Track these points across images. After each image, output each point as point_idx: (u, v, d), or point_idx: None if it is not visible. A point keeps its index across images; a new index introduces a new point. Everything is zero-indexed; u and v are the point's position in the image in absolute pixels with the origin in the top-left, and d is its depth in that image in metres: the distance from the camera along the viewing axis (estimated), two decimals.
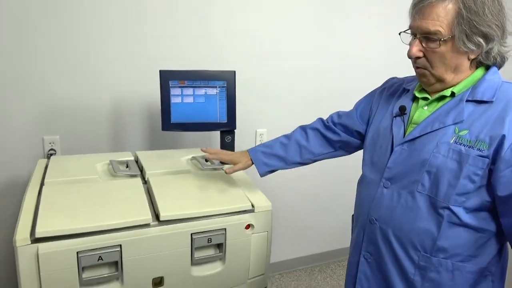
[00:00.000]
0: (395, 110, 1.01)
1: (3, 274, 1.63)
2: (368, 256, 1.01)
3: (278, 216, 2.28)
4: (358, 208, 1.07)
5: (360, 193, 1.08)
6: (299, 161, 1.22)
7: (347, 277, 1.12)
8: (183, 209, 1.14)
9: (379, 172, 0.99)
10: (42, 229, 0.98)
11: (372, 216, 0.98)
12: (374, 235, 0.98)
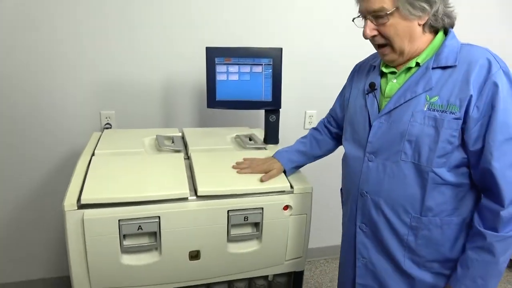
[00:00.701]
0: (366, 87, 1.06)
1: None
2: (364, 226, 1.06)
3: (329, 200, 2.22)
4: (347, 183, 1.11)
5: (346, 169, 1.12)
6: (320, 154, 1.31)
7: (344, 248, 1.16)
8: (220, 185, 1.14)
9: (362, 148, 1.04)
10: (87, 196, 1.03)
11: (363, 189, 1.03)
12: (366, 207, 1.03)
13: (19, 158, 1.72)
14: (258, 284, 1.30)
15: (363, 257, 1.08)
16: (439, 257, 0.99)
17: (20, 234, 1.82)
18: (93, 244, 1.05)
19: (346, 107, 1.16)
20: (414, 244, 0.99)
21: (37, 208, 1.80)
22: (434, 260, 0.99)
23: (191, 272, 1.16)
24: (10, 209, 1.78)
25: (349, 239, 1.12)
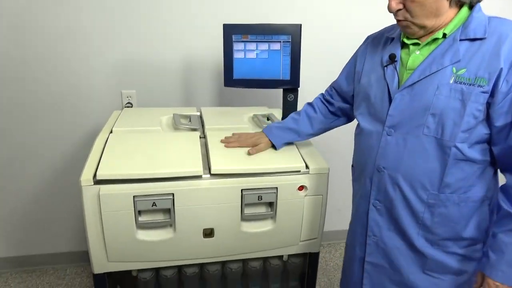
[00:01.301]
0: (384, 59, 1.01)
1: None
2: (377, 203, 1.03)
3: (348, 183, 2.18)
4: (361, 158, 1.07)
5: (360, 144, 1.07)
6: (312, 132, 1.26)
7: (354, 226, 1.13)
8: (235, 164, 1.13)
9: (379, 122, 1.00)
10: (103, 172, 1.05)
11: (380, 165, 1.00)
12: (383, 183, 1.00)
13: (42, 136, 1.78)
14: (272, 264, 1.30)
15: (374, 235, 1.06)
16: (453, 235, 0.97)
17: (46, 209, 1.90)
18: (109, 219, 1.07)
19: (357, 81, 1.11)
20: (429, 222, 0.97)
21: (61, 184, 1.86)
22: (448, 238, 0.98)
23: (205, 249, 1.17)
24: (36, 184, 1.84)
25: (360, 217, 1.09)
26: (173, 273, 1.23)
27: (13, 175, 1.81)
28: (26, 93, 1.70)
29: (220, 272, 1.27)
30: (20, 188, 1.84)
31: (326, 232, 2.23)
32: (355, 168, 1.13)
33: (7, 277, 1.91)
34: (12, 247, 1.93)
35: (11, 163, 1.79)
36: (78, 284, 1.89)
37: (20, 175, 1.81)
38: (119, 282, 1.23)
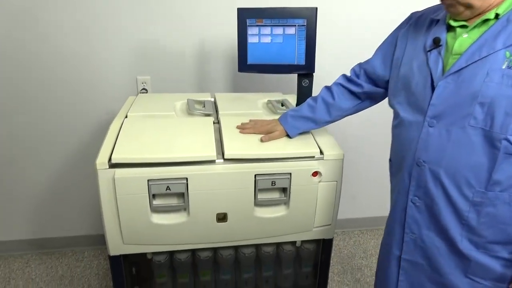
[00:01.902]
0: (428, 43, 0.93)
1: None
2: (417, 200, 0.96)
3: (367, 170, 2.16)
4: (400, 151, 0.99)
5: (399, 136, 1.00)
6: (329, 119, 1.21)
7: (391, 223, 1.06)
8: (248, 149, 1.13)
9: (420, 112, 0.92)
10: (118, 156, 1.06)
11: (420, 158, 0.92)
12: (423, 178, 0.93)
13: (60, 122, 1.81)
14: (285, 249, 1.30)
15: (413, 232, 0.99)
16: (503, 239, 0.88)
17: (65, 194, 1.94)
18: (124, 203, 1.09)
19: (395, 67, 1.03)
20: (475, 222, 0.89)
21: (78, 170, 1.89)
22: (496, 241, 0.89)
23: (218, 234, 1.18)
24: (54, 170, 1.89)
25: (398, 214, 1.02)
26: (187, 256, 1.24)
27: (32, 161, 1.85)
28: (43, 81, 1.73)
29: (233, 257, 1.28)
30: (39, 173, 1.88)
31: (340, 220, 2.22)
32: (393, 162, 1.06)
33: (28, 258, 1.98)
34: (32, 230, 1.99)
35: (30, 149, 1.83)
36: (95, 266, 1.94)
37: (39, 161, 1.86)
38: (134, 264, 1.25)
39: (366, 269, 1.98)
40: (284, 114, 1.23)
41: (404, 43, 1.03)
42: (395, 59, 1.05)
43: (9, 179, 1.87)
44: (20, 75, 1.71)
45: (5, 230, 1.96)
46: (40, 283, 1.83)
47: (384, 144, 2.10)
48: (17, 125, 1.78)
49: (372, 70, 1.14)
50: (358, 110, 1.22)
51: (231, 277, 1.31)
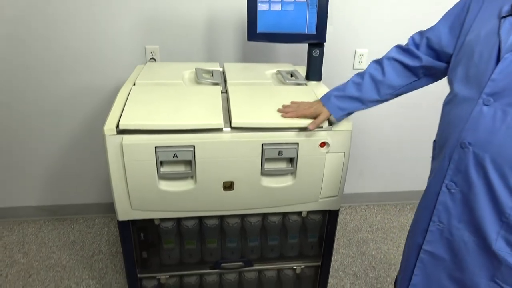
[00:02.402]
0: (505, 9, 0.78)
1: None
2: (453, 186, 0.86)
3: (373, 147, 2.14)
4: (446, 131, 0.89)
5: (448, 114, 0.89)
6: (378, 98, 1.08)
7: (421, 209, 0.97)
8: (256, 118, 1.12)
9: (477, 87, 0.80)
10: (125, 122, 1.06)
11: (465, 139, 0.81)
12: (464, 162, 0.82)
13: (70, 91, 1.81)
14: (292, 219, 1.31)
15: (441, 221, 0.89)
16: None
17: (76, 162, 1.97)
18: (132, 169, 1.10)
19: (463, 34, 0.89)
20: None
21: (88, 138, 1.91)
22: None
23: (225, 202, 1.19)
24: (65, 139, 1.91)
25: (429, 199, 0.92)
26: (194, 224, 1.26)
27: (43, 130, 1.87)
28: (51, 50, 1.72)
29: (240, 225, 1.30)
30: (51, 142, 1.91)
31: (347, 194, 2.24)
32: (437, 143, 0.95)
33: (40, 224, 2.03)
34: (45, 197, 2.04)
35: (42, 117, 1.85)
36: (106, 233, 1.99)
37: (50, 130, 1.88)
38: (143, 230, 1.27)
39: (372, 242, 2.00)
40: (326, 94, 1.13)
41: (478, 6, 0.87)
42: (464, 25, 0.89)
43: (23, 148, 1.90)
44: (28, 44, 1.70)
45: (19, 197, 2.01)
46: (52, 247, 1.89)
47: (392, 121, 2.09)
48: (27, 94, 1.79)
49: (437, 39, 0.97)
50: (413, 89, 1.08)
51: (237, 245, 1.33)
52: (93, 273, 1.75)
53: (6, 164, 1.93)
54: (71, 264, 1.79)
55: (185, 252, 1.33)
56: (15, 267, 1.76)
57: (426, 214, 0.93)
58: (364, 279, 1.77)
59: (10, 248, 1.87)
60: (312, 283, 1.47)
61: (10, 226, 2.01)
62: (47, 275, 1.73)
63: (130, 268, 1.29)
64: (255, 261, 1.37)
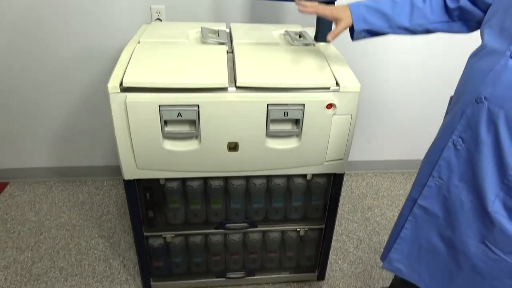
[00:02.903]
0: None
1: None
2: (459, 142, 0.83)
3: (381, 114, 2.11)
4: (464, 85, 0.85)
5: (471, 68, 0.84)
6: (407, 25, 0.99)
7: (423, 163, 0.94)
8: (261, 78, 1.09)
9: (509, 39, 0.75)
10: (129, 79, 1.05)
11: (482, 93, 0.77)
12: (476, 118, 0.79)
13: (76, 52, 1.79)
14: (296, 182, 1.31)
15: (440, 177, 0.87)
16: None
17: (85, 125, 1.98)
18: (136, 128, 1.09)
19: None
20: None
21: (96, 100, 1.91)
22: None
23: (229, 163, 1.19)
24: (73, 101, 1.91)
25: (433, 152, 0.90)
26: (199, 184, 1.27)
27: (52, 92, 1.87)
28: (56, 9, 1.69)
29: (244, 187, 1.30)
30: (60, 104, 1.91)
31: (354, 161, 2.23)
32: (454, 96, 0.91)
33: (51, 185, 2.08)
34: (55, 159, 2.07)
35: (49, 79, 1.84)
36: (114, 194, 2.03)
37: (57, 91, 1.87)
38: (148, 189, 1.29)
39: (377, 209, 2.00)
40: (357, 2, 1.03)
41: None
42: None
43: (33, 110, 1.91)
44: (33, 7, 1.67)
45: (30, 158, 2.05)
46: (62, 207, 1.93)
47: (402, 88, 2.03)
48: (35, 56, 1.78)
49: None
50: (445, 30, 1.00)
51: (242, 206, 1.35)
52: (102, 232, 1.79)
53: (17, 127, 1.95)
54: (81, 224, 1.84)
55: (190, 212, 1.34)
56: (27, 225, 1.82)
57: (427, 169, 0.91)
58: (367, 244, 1.79)
59: (22, 207, 1.92)
60: (315, 246, 1.49)
61: (22, 186, 2.05)
62: (57, 233, 1.78)
63: (136, 226, 1.32)
64: (259, 222, 1.39)
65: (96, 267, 1.63)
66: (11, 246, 1.71)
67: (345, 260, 1.71)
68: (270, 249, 1.47)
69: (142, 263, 1.42)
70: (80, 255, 1.68)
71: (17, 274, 1.58)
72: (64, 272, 1.60)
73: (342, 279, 1.62)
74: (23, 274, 1.58)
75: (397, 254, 1.00)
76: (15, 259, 1.64)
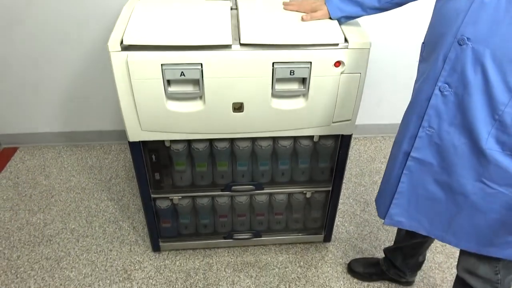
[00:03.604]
0: None
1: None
2: (446, 88, 0.83)
3: (392, 76, 2.04)
4: (439, 28, 0.83)
5: (442, 9, 0.83)
6: (377, 5, 1.06)
7: (409, 116, 0.94)
8: (266, 35, 1.05)
9: None
10: (130, 37, 1.01)
11: (464, 34, 0.77)
12: (461, 60, 0.79)
13: (77, 13, 1.74)
14: (303, 144, 1.29)
15: (431, 126, 0.88)
16: None
17: (93, 89, 1.96)
18: (139, 88, 1.07)
19: None
20: (510, 119, 0.78)
21: (103, 64, 1.88)
22: None
23: (235, 124, 1.17)
24: (81, 64, 1.88)
25: (419, 104, 0.90)
26: (205, 146, 1.26)
27: (58, 55, 1.84)
28: None
29: (250, 149, 1.29)
30: (67, 68, 1.88)
31: (363, 125, 2.19)
32: (426, 44, 0.91)
33: (59, 150, 2.09)
34: (63, 124, 2.07)
35: (56, 41, 1.80)
36: (122, 158, 2.04)
37: (65, 55, 1.84)
38: (154, 152, 1.28)
39: None
40: None
41: None
42: None
43: (40, 75, 1.89)
44: None
45: (39, 123, 2.05)
46: (72, 171, 1.95)
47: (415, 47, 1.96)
48: (39, 18, 1.74)
49: None
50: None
51: (248, 168, 1.34)
52: (111, 195, 1.82)
53: (25, 91, 1.94)
54: (90, 187, 1.86)
55: (196, 174, 1.34)
56: (38, 189, 1.85)
57: (414, 121, 0.91)
58: (374, 207, 1.79)
59: (32, 171, 1.95)
60: (322, 208, 1.49)
61: (31, 151, 2.07)
62: (68, 196, 1.81)
63: (143, 188, 1.33)
64: (265, 185, 1.39)
65: (107, 228, 1.66)
66: (23, 208, 1.75)
67: (351, 223, 1.72)
68: (276, 211, 1.48)
69: (150, 224, 1.44)
70: (90, 217, 1.71)
71: (30, 235, 1.62)
72: (75, 233, 1.64)
73: (348, 241, 1.64)
74: (36, 235, 1.63)
75: (397, 209, 1.02)
76: (27, 221, 1.69)
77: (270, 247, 1.59)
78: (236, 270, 1.51)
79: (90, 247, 1.58)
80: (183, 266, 1.52)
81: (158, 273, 1.49)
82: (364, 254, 1.58)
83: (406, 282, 1.45)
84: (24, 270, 1.49)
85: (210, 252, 1.56)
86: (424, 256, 1.35)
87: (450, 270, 1.53)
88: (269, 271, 1.51)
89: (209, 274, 1.49)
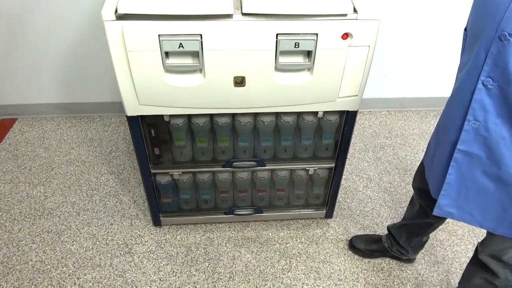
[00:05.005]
0: None
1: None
2: (490, 82, 0.80)
3: (401, 49, 1.97)
4: (480, 20, 0.80)
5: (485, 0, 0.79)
6: None
7: (453, 108, 0.91)
8: (270, 4, 0.98)
9: None
10: (124, 6, 0.95)
11: (505, 30, 0.73)
12: (504, 55, 0.75)
13: None
14: (307, 120, 1.25)
15: (476, 119, 0.85)
16: None
17: (92, 61, 1.90)
18: (136, 60, 1.02)
19: None
20: None
21: (100, 33, 1.81)
22: None
23: (236, 99, 1.12)
24: (77, 35, 1.81)
25: (462, 96, 0.87)
26: (205, 121, 1.22)
27: (57, 25, 1.77)
28: None
29: (252, 124, 1.25)
30: (65, 38, 1.82)
31: (368, 99, 2.13)
32: (468, 33, 0.88)
33: (59, 122, 2.06)
34: (62, 95, 2.03)
35: (54, 12, 1.73)
36: (122, 131, 2.01)
37: (63, 24, 1.77)
38: (153, 126, 1.25)
39: (389, 148, 1.95)
40: None
41: None
42: None
43: (38, 45, 1.82)
44: None
45: (37, 94, 2.01)
46: (71, 143, 1.93)
47: (425, 21, 1.87)
48: None
49: None
50: None
51: (250, 144, 1.31)
52: (112, 169, 1.80)
53: (23, 62, 1.88)
54: (90, 160, 1.84)
55: (197, 150, 1.31)
56: (38, 161, 1.83)
57: (459, 112, 0.88)
58: (377, 183, 1.77)
59: (31, 143, 1.92)
60: (324, 184, 1.47)
61: (30, 123, 2.04)
62: (68, 169, 1.79)
63: (143, 163, 1.30)
64: (267, 161, 1.36)
65: (107, 202, 1.65)
66: (23, 181, 1.73)
67: (353, 199, 1.70)
68: (278, 187, 1.46)
69: (151, 199, 1.43)
70: (91, 190, 1.70)
71: (30, 208, 1.62)
72: (76, 207, 1.63)
73: (350, 217, 1.62)
74: (37, 208, 1.62)
75: (446, 200, 0.99)
76: (28, 194, 1.68)
77: (271, 222, 1.59)
78: (237, 245, 1.50)
79: (91, 221, 1.58)
80: (184, 240, 1.51)
81: (159, 247, 1.49)
82: (366, 231, 1.57)
83: (407, 259, 1.44)
84: (25, 243, 1.50)
85: (211, 227, 1.56)
86: (428, 237, 1.34)
87: (452, 248, 1.52)
88: (270, 246, 1.50)
89: (210, 248, 1.49)
